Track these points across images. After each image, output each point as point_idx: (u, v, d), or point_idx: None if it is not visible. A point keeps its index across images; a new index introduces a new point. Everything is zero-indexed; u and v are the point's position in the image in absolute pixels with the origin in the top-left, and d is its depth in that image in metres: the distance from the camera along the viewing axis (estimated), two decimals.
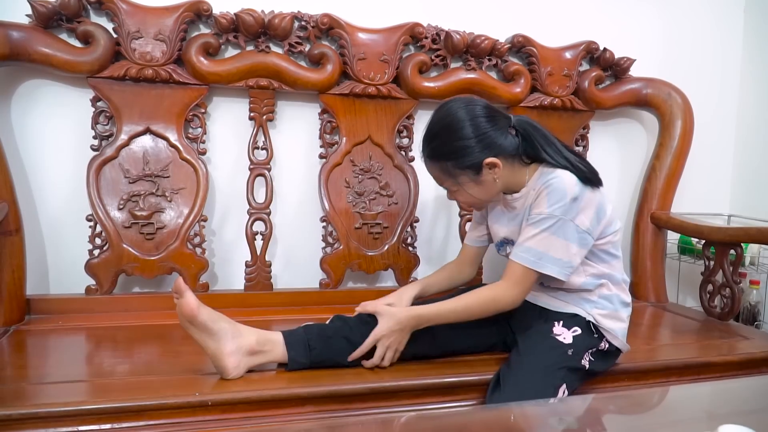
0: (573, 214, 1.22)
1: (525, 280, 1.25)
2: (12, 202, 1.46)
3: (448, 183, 1.32)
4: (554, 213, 1.21)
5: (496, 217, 1.42)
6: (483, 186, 1.29)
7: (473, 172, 1.27)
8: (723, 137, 2.25)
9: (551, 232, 1.21)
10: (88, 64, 1.51)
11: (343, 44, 1.71)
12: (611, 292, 1.32)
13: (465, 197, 1.33)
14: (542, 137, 1.29)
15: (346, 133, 1.75)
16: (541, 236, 1.22)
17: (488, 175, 1.27)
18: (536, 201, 1.25)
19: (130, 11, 1.54)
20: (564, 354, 1.24)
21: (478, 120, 1.25)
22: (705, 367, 1.44)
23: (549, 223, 1.21)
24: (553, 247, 1.22)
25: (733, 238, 1.74)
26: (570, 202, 1.21)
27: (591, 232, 1.25)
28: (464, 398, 1.26)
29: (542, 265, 1.22)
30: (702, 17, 2.16)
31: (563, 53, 1.92)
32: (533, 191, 1.28)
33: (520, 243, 1.25)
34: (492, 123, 1.26)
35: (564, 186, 1.22)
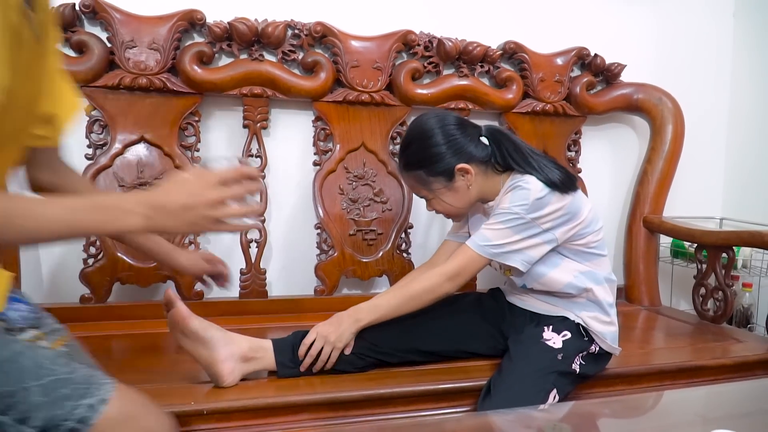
0: (535, 214, 1.24)
1: (467, 263, 1.27)
2: None
3: (423, 192, 1.34)
4: (513, 209, 1.24)
5: (475, 224, 1.43)
6: (457, 193, 1.31)
7: (446, 179, 1.30)
8: (714, 141, 2.27)
9: (507, 225, 1.24)
10: (82, 74, 1.52)
11: (336, 52, 1.72)
12: (598, 297, 1.33)
13: (441, 206, 1.35)
14: (510, 144, 1.32)
15: (340, 140, 1.76)
16: (497, 227, 1.25)
17: (461, 181, 1.30)
18: (502, 199, 1.28)
19: (124, 21, 1.55)
20: (554, 359, 1.25)
21: (448, 128, 1.29)
22: (699, 370, 1.45)
23: (507, 217, 1.24)
24: (505, 238, 1.24)
25: (725, 241, 1.75)
26: (533, 203, 1.23)
27: (554, 231, 1.27)
28: (459, 404, 1.27)
29: (486, 249, 1.25)
30: (692, 22, 2.18)
31: (555, 59, 1.93)
32: (501, 196, 1.31)
33: (478, 231, 1.28)
34: (462, 130, 1.30)
35: (528, 188, 1.24)
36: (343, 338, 1.24)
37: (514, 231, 1.24)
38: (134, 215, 0.78)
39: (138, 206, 0.79)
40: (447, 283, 1.27)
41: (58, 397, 0.74)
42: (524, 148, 1.32)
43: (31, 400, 0.73)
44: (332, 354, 1.24)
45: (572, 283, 1.31)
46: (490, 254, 1.25)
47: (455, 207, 1.35)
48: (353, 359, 1.27)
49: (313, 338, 1.23)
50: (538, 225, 1.25)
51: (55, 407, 0.73)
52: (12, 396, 0.72)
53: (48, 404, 0.73)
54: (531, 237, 1.25)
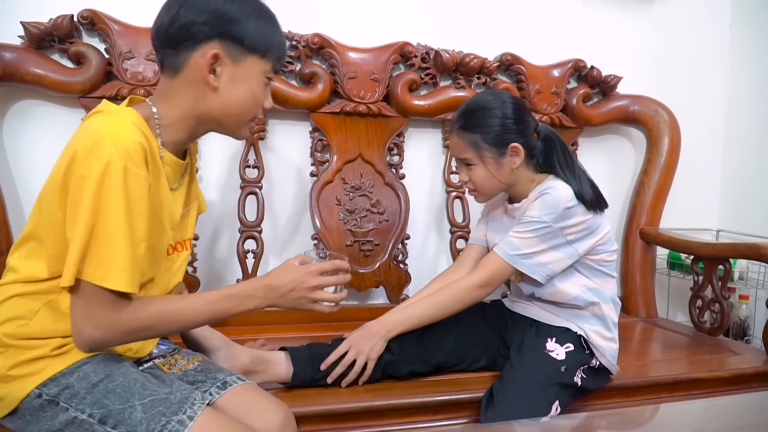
0: (561, 224, 1.26)
1: (496, 271, 1.29)
2: (3, 222, 1.47)
3: (469, 155, 1.33)
4: (543, 218, 1.26)
5: (495, 225, 1.46)
6: (500, 169, 1.32)
7: (497, 151, 1.31)
8: (711, 153, 2.27)
9: (536, 234, 1.26)
10: (80, 85, 1.52)
11: (333, 63, 1.72)
12: (603, 312, 1.34)
13: (478, 176, 1.34)
14: (561, 146, 1.36)
15: (337, 151, 1.76)
16: (525, 236, 1.27)
17: (509, 160, 1.32)
18: (531, 206, 1.30)
19: (121, 32, 1.55)
20: (557, 370, 1.26)
21: (519, 108, 1.34)
22: (695, 383, 1.45)
23: (535, 226, 1.26)
24: (533, 247, 1.27)
25: (722, 253, 1.75)
26: (561, 212, 1.26)
27: (575, 243, 1.29)
28: (456, 416, 1.27)
29: (516, 259, 1.27)
30: (688, 34, 2.20)
31: (551, 71, 1.94)
32: (530, 200, 1.32)
33: (505, 237, 1.30)
34: (528, 116, 1.35)
35: (558, 196, 1.27)
36: (376, 349, 1.26)
37: (541, 239, 1.26)
38: (254, 298, 1.02)
39: (257, 291, 1.02)
40: (477, 291, 1.30)
41: (155, 414, 0.89)
42: (572, 156, 1.36)
43: (134, 416, 0.89)
44: (367, 365, 1.26)
45: (580, 296, 1.33)
46: (518, 263, 1.27)
47: (491, 183, 1.34)
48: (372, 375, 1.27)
49: (346, 350, 1.24)
50: (563, 235, 1.27)
51: (152, 421, 0.88)
52: (122, 413, 0.89)
53: (147, 419, 0.89)
54: (556, 248, 1.27)
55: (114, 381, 0.92)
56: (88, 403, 0.90)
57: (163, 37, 1.00)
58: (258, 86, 1.04)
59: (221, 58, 0.98)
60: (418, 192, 1.87)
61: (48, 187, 0.95)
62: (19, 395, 0.92)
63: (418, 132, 1.90)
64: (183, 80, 1.00)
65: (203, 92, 1.00)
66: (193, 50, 0.98)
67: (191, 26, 0.97)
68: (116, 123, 0.92)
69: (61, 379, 0.92)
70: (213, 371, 1.08)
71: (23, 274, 0.96)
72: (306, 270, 1.04)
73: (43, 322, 0.95)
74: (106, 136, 0.88)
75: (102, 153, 0.87)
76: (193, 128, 1.05)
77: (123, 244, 0.88)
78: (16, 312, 0.95)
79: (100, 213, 0.87)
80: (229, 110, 1.02)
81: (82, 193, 0.87)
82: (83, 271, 0.87)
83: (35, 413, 0.92)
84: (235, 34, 0.98)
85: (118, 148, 0.88)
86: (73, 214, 0.88)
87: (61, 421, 0.90)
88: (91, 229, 0.86)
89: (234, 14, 0.98)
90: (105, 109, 0.98)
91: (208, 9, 0.97)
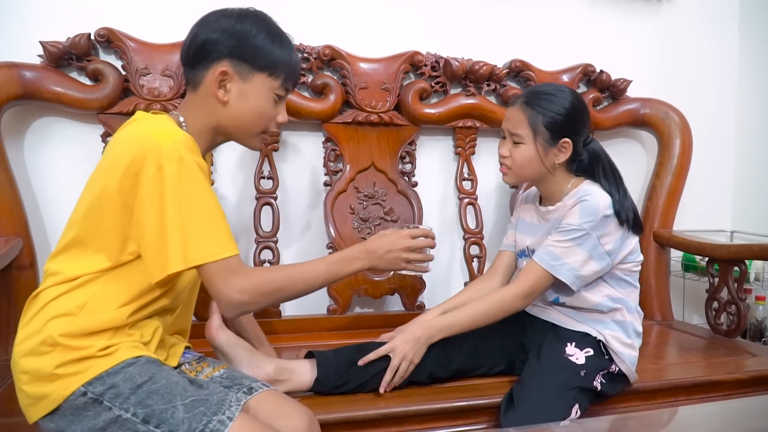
0: (599, 232, 1.29)
1: (539, 281, 1.31)
2: (26, 237, 1.49)
3: (523, 131, 1.34)
4: (582, 226, 1.28)
5: (525, 228, 1.47)
6: (544, 157, 1.34)
7: (551, 138, 1.33)
8: (722, 154, 2.27)
9: (577, 243, 1.28)
10: (98, 101, 1.55)
11: (344, 74, 1.75)
12: (625, 318, 1.35)
13: (524, 155, 1.35)
14: (607, 161, 1.39)
15: (350, 161, 1.78)
16: (566, 244, 1.29)
17: (556, 152, 1.34)
18: (569, 213, 1.31)
19: (137, 49, 1.59)
20: (577, 374, 1.26)
21: (585, 112, 1.37)
22: (713, 385, 1.45)
23: (576, 234, 1.28)
24: (574, 256, 1.28)
25: (736, 254, 1.75)
26: (600, 220, 1.28)
27: (612, 254, 1.31)
28: (474, 422, 1.28)
29: (558, 270, 1.28)
30: (697, 36, 2.20)
31: (561, 76, 1.95)
32: (567, 205, 1.34)
33: (545, 246, 1.32)
34: (587, 123, 1.39)
35: (597, 202, 1.29)
36: (419, 354, 1.29)
37: (581, 247, 1.28)
38: (358, 260, 1.15)
39: (359, 253, 1.16)
40: (520, 302, 1.32)
41: (196, 414, 0.94)
42: (619, 173, 1.39)
43: (176, 416, 0.93)
44: (408, 369, 1.28)
45: (603, 303, 1.34)
46: (559, 273, 1.29)
47: (531, 166, 1.35)
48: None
49: (388, 352, 1.27)
50: (601, 245, 1.29)
51: (194, 421, 0.93)
52: (164, 413, 0.93)
53: (189, 419, 0.93)
54: (593, 257, 1.29)
55: (157, 383, 0.96)
56: (132, 403, 0.94)
57: (185, 56, 1.11)
58: (266, 102, 1.12)
59: (230, 75, 1.08)
60: (430, 199, 1.89)
61: (98, 197, 1.00)
62: (64, 393, 0.95)
63: (429, 140, 1.92)
64: (201, 95, 1.10)
65: (215, 106, 1.10)
66: (206, 68, 1.08)
67: (205, 45, 1.07)
68: (164, 125, 1.03)
69: (107, 378, 0.95)
70: (239, 378, 1.12)
71: (68, 274, 1.00)
72: (399, 234, 1.19)
73: (92, 316, 0.98)
74: (163, 136, 0.98)
75: (169, 150, 0.96)
76: (211, 138, 1.14)
77: (218, 218, 1.00)
78: (63, 309, 0.98)
79: (189, 200, 0.96)
80: (238, 123, 1.12)
81: (163, 190, 0.95)
82: (195, 254, 0.96)
83: (77, 412, 0.95)
84: (243, 52, 1.07)
85: (180, 144, 0.98)
86: (156, 210, 0.95)
87: (105, 420, 0.94)
88: (185, 216, 0.96)
89: (244, 34, 1.07)
90: (142, 117, 1.07)
91: (220, 28, 1.07)
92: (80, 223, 1.02)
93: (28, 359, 0.97)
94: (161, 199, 0.95)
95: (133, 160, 0.96)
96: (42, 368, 0.95)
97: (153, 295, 1.03)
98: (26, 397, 0.98)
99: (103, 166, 1.03)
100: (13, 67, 1.48)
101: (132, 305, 1.01)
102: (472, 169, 1.91)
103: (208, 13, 1.11)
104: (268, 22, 1.11)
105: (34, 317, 0.99)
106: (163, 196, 0.95)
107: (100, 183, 1.01)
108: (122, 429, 0.93)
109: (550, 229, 1.37)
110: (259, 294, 1.02)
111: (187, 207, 0.96)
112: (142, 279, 1.00)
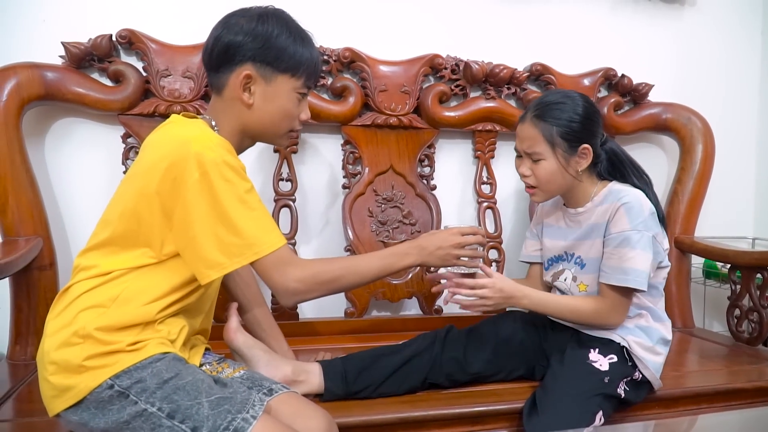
0: (652, 229, 1.28)
1: (628, 301, 1.30)
2: (46, 238, 1.50)
3: (541, 147, 1.32)
4: (638, 227, 1.26)
5: (553, 233, 1.46)
6: (566, 167, 1.32)
7: (569, 148, 1.31)
8: (744, 160, 2.25)
9: (640, 247, 1.26)
10: (118, 102, 1.56)
11: (364, 77, 1.74)
12: (649, 324, 1.34)
13: (546, 170, 1.32)
14: (631, 162, 1.38)
15: (369, 164, 1.78)
16: (633, 254, 1.26)
17: (577, 160, 1.32)
18: (614, 219, 1.29)
19: (159, 50, 1.59)
20: (600, 381, 1.25)
21: (596, 112, 1.35)
22: (735, 393, 1.43)
23: (636, 238, 1.26)
24: (642, 261, 1.26)
25: (759, 261, 1.72)
26: (648, 216, 1.28)
27: (660, 250, 1.31)
28: (494, 427, 1.27)
29: (638, 282, 1.26)
30: (720, 40, 2.18)
31: (581, 80, 1.94)
32: (600, 208, 1.33)
33: (607, 264, 1.29)
34: (601, 122, 1.37)
35: (640, 202, 1.29)
36: (496, 305, 1.29)
37: (646, 250, 1.26)
38: (410, 255, 1.18)
39: (411, 249, 1.19)
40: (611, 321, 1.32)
41: (221, 411, 0.94)
42: (643, 170, 1.38)
43: (201, 412, 0.94)
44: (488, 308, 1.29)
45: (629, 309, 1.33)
46: (636, 284, 1.26)
47: (557, 180, 1.33)
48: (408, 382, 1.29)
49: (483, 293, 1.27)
50: (657, 242, 1.29)
51: (218, 418, 0.94)
52: (190, 409, 0.94)
53: (213, 416, 0.94)
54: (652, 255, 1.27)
55: (183, 379, 0.97)
56: (158, 398, 0.95)
57: (207, 60, 1.11)
58: (289, 102, 1.12)
59: (254, 78, 1.09)
60: (449, 203, 1.88)
61: (134, 197, 1.02)
62: (91, 385, 0.95)
63: (448, 143, 1.91)
64: (226, 99, 1.11)
65: (241, 109, 1.11)
66: (230, 72, 1.09)
67: (228, 49, 1.08)
68: (202, 129, 1.05)
69: (134, 372, 0.96)
70: (258, 379, 1.12)
71: (102, 268, 1.01)
72: (450, 231, 1.22)
73: (123, 309, 0.99)
74: (202, 141, 1.00)
75: (211, 155, 0.98)
76: (240, 141, 1.15)
77: (265, 212, 1.04)
78: (95, 300, 0.99)
79: (236, 199, 0.99)
80: (264, 125, 1.13)
81: (211, 192, 0.98)
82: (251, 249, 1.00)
83: (102, 405, 0.95)
84: (266, 55, 1.08)
85: (219, 148, 1.01)
86: (207, 212, 0.98)
87: (130, 414, 0.94)
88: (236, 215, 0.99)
89: (266, 35, 1.07)
90: (177, 121, 1.09)
91: (242, 31, 1.07)
92: (115, 222, 1.02)
93: (59, 351, 0.97)
94: (211, 202, 0.98)
95: (172, 163, 0.98)
96: (71, 359, 0.96)
97: (183, 292, 1.04)
98: (51, 388, 0.98)
99: (140, 167, 1.04)
100: (34, 68, 1.49)
101: (162, 301, 1.02)
102: (491, 173, 1.90)
103: (228, 15, 1.11)
104: (289, 21, 1.12)
105: (65, 309, 1.00)
106: (212, 198, 0.98)
107: (137, 184, 1.02)
108: (147, 423, 0.94)
109: (587, 232, 1.36)
110: (316, 283, 1.05)
111: (235, 206, 0.99)
112: (173, 276, 1.02)
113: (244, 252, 0.99)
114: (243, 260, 0.99)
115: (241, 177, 1.01)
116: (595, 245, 1.34)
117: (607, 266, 1.29)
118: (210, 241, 0.98)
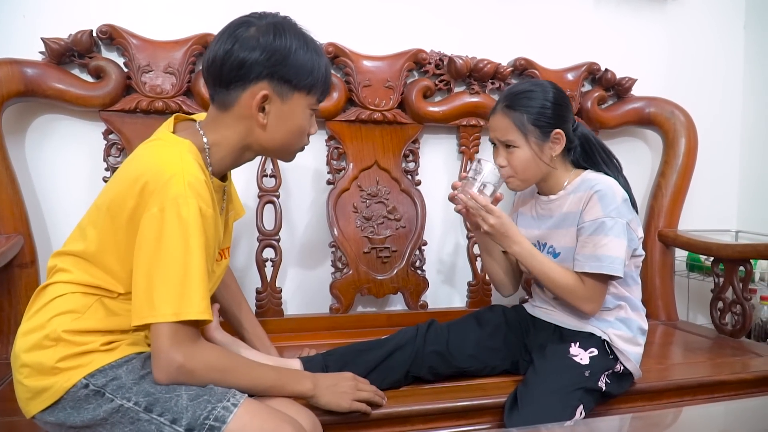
0: (625, 216, 1.28)
1: (604, 288, 1.30)
2: (27, 235, 1.49)
3: (514, 136, 1.33)
4: (611, 214, 1.26)
5: (526, 222, 1.46)
6: (540, 154, 1.33)
7: (541, 135, 1.32)
8: (728, 153, 2.26)
9: (614, 234, 1.26)
10: (100, 99, 1.55)
11: (348, 72, 1.74)
12: (629, 316, 1.34)
13: (521, 159, 1.33)
14: (598, 143, 1.39)
15: (353, 159, 1.77)
16: (606, 240, 1.26)
17: (550, 146, 1.33)
18: (587, 208, 1.29)
19: (140, 46, 1.58)
20: (581, 375, 1.25)
21: (564, 97, 1.35)
22: (718, 385, 1.45)
23: (609, 225, 1.26)
24: (616, 247, 1.26)
25: (742, 254, 1.74)
26: (621, 203, 1.28)
27: (634, 237, 1.31)
28: (478, 422, 1.27)
29: (613, 268, 1.25)
30: (702, 35, 2.19)
31: (565, 75, 1.94)
32: (574, 196, 1.33)
33: (582, 252, 1.29)
34: (570, 107, 1.38)
35: (612, 189, 1.29)
36: (491, 237, 1.32)
37: (617, 236, 1.26)
38: (305, 382, 1.10)
39: (308, 376, 1.12)
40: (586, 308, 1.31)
41: (200, 402, 0.93)
42: (614, 156, 1.39)
43: (180, 404, 0.93)
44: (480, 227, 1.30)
45: (608, 300, 1.34)
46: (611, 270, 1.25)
47: (532, 167, 1.34)
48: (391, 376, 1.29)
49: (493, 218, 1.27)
50: (631, 229, 1.29)
51: (198, 408, 0.93)
52: (168, 401, 0.93)
53: (193, 406, 0.93)
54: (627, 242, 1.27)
55: None
56: (134, 393, 0.94)
57: (217, 75, 1.03)
58: (304, 119, 1.09)
59: (270, 97, 1.03)
60: (434, 198, 1.88)
61: (108, 213, 0.98)
62: (65, 385, 0.94)
63: (433, 138, 1.91)
64: (233, 115, 1.05)
65: (252, 128, 1.05)
66: (243, 90, 1.02)
67: (243, 65, 1.00)
68: (184, 160, 0.97)
69: (109, 371, 0.96)
70: None
71: (77, 276, 1.00)
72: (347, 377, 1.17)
73: (96, 316, 0.98)
74: (178, 176, 0.94)
75: (178, 194, 0.93)
76: (239, 156, 1.10)
77: (201, 278, 0.94)
78: (70, 306, 0.98)
79: (183, 252, 0.92)
80: (275, 143, 1.08)
81: (162, 233, 0.92)
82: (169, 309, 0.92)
83: (78, 404, 0.95)
84: (284, 73, 1.02)
85: (191, 190, 0.94)
86: (151, 251, 0.93)
87: (106, 410, 0.93)
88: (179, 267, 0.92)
89: (285, 52, 1.01)
90: (164, 138, 1.03)
91: (260, 46, 1.00)
92: (89, 235, 1.00)
93: (30, 353, 0.96)
94: (156, 242, 0.93)
95: (144, 187, 0.94)
96: (44, 362, 0.95)
97: None
98: (26, 390, 0.97)
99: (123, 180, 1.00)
100: (14, 64, 1.47)
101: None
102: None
103: (235, 25, 1.03)
104: (303, 33, 1.06)
105: (40, 310, 0.99)
106: (160, 240, 0.92)
107: (116, 198, 0.99)
108: (125, 418, 0.93)
109: (559, 221, 1.36)
110: (203, 364, 0.96)
111: (182, 258, 0.93)
112: None
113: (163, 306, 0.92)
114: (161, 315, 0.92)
115: (192, 231, 0.93)
116: (569, 234, 1.34)
117: (581, 254, 1.29)
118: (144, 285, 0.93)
